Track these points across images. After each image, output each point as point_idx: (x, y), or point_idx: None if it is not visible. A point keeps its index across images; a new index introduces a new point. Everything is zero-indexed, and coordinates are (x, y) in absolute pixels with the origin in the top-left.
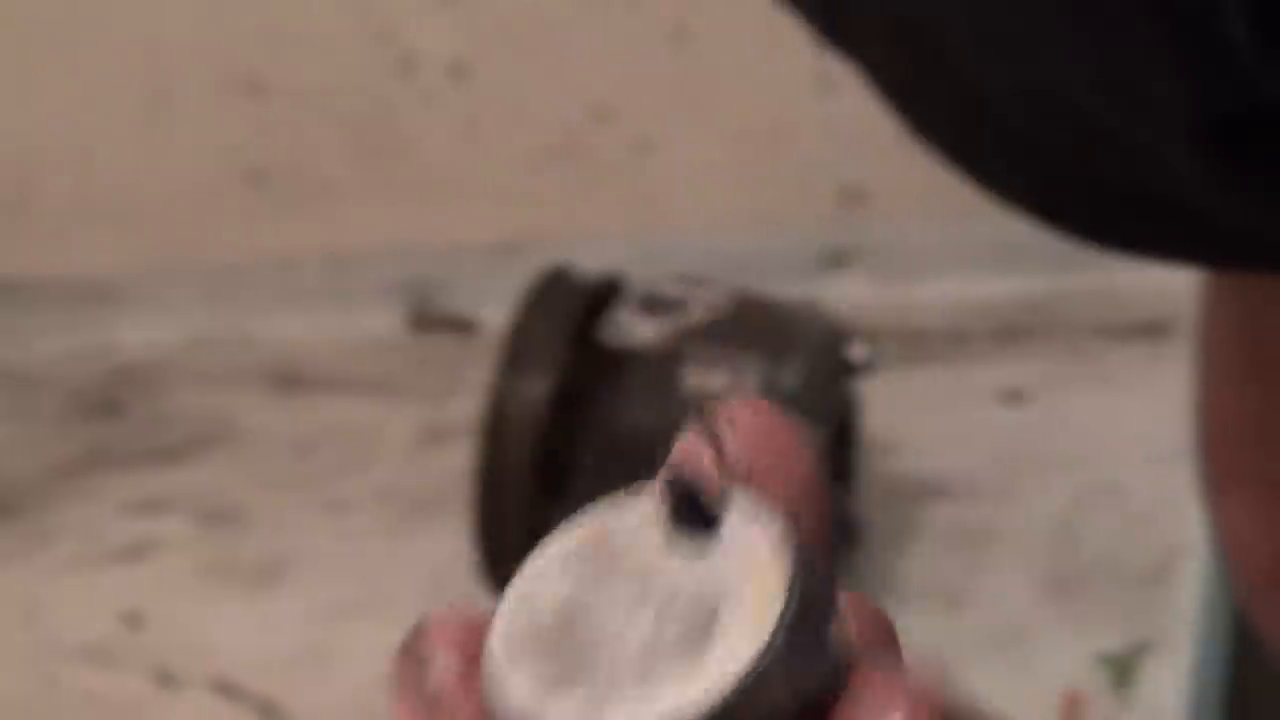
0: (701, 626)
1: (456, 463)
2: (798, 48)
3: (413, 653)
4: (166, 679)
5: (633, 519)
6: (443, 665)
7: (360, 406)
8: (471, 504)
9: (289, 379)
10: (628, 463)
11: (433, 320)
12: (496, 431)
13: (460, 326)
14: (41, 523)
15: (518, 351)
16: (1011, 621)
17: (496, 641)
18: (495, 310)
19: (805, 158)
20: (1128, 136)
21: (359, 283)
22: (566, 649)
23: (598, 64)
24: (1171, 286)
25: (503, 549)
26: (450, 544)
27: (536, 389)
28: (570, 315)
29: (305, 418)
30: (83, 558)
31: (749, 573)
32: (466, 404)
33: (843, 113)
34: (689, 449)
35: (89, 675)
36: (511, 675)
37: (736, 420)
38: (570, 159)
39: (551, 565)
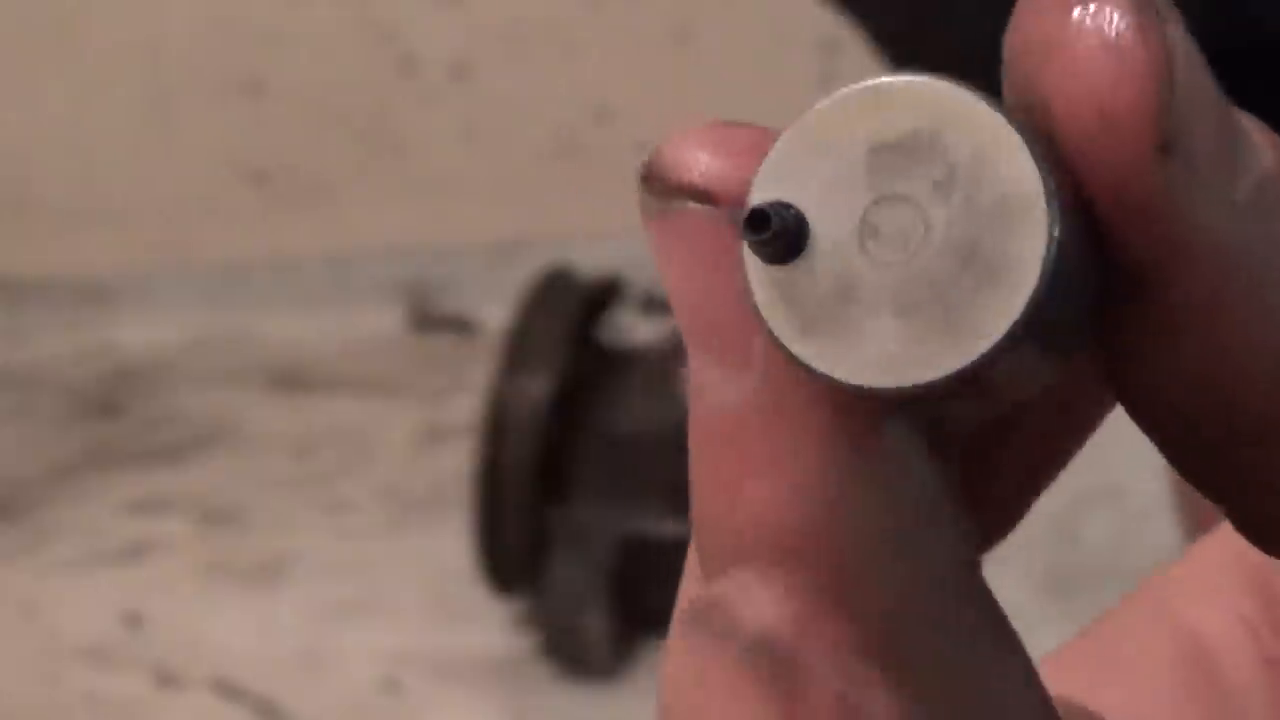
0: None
1: (456, 463)
2: (798, 48)
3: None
4: (166, 679)
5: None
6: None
7: (360, 406)
8: (471, 504)
9: (289, 379)
10: (628, 462)
11: (433, 320)
12: (496, 431)
13: (460, 326)
14: (41, 523)
15: (518, 351)
16: (1011, 621)
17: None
18: (495, 310)
19: None
20: None
21: (359, 283)
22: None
23: (598, 64)
24: None
25: (503, 549)
26: (450, 544)
27: (537, 389)
28: (570, 315)
29: (305, 418)
30: (83, 558)
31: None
32: (466, 404)
33: None
34: None
35: (89, 675)
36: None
37: None
38: (570, 159)
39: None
